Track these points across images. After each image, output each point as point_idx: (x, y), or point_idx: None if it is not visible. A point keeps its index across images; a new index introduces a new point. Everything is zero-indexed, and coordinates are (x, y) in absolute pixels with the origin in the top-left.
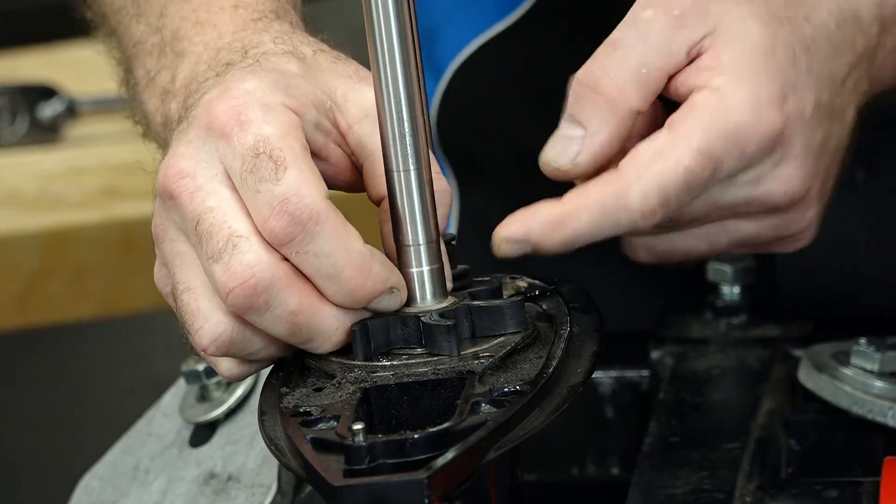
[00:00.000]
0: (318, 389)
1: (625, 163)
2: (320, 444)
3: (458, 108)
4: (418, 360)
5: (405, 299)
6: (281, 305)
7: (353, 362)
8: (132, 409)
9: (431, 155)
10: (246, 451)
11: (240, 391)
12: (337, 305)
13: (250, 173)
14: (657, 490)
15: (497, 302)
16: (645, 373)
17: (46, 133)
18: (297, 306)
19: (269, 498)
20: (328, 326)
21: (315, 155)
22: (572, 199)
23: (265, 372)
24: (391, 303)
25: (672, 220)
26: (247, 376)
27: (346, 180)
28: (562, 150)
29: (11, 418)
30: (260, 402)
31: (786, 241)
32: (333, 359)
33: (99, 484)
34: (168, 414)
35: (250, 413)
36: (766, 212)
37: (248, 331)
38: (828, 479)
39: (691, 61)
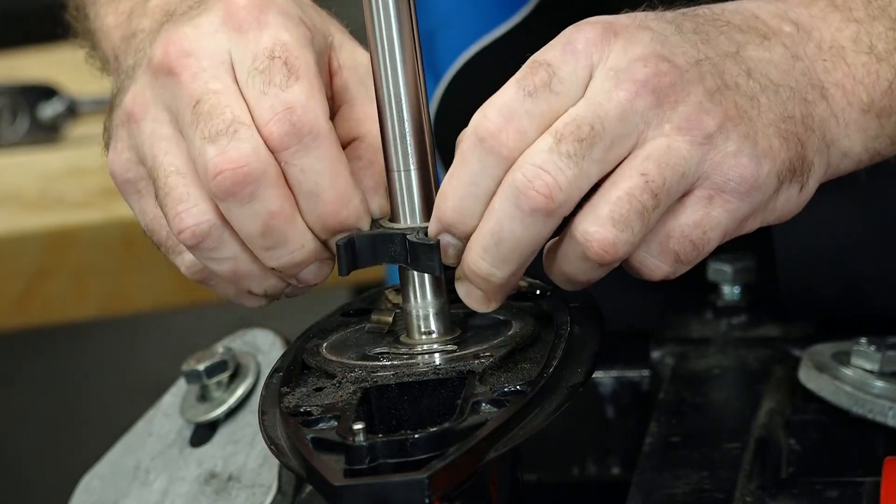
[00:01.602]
0: (319, 389)
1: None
2: (321, 444)
3: (458, 111)
4: (418, 360)
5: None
6: (264, 201)
7: (353, 362)
8: (132, 409)
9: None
10: (246, 451)
11: (240, 391)
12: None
13: (261, 73)
14: (658, 490)
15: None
16: (645, 373)
17: (46, 133)
18: (278, 208)
19: (270, 498)
20: (295, 240)
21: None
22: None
23: (265, 372)
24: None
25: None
26: (201, 280)
27: None
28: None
29: (11, 418)
30: (260, 402)
31: (702, 156)
32: (334, 358)
33: (99, 484)
34: (168, 414)
35: (251, 413)
36: (652, 103)
37: (226, 231)
38: (828, 478)
39: None
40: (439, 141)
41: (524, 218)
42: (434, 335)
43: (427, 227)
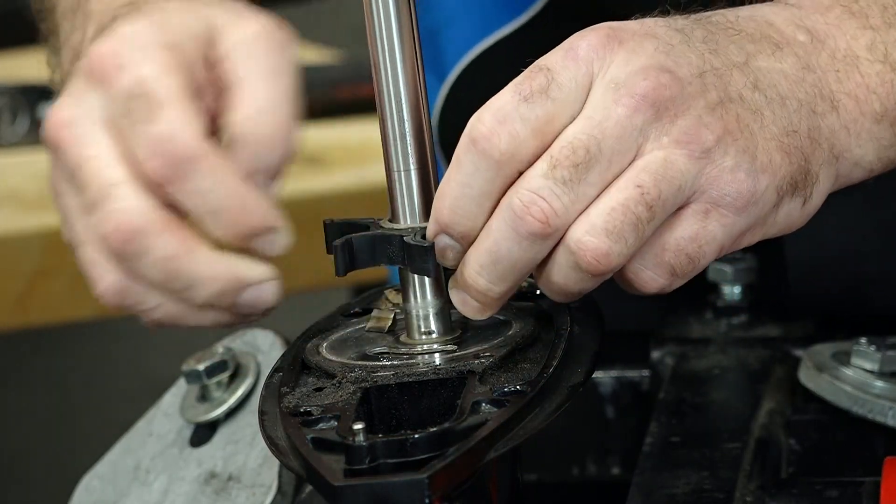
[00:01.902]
0: (319, 389)
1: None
2: (321, 444)
3: (462, 110)
4: (418, 360)
5: (286, 244)
6: (156, 251)
7: (353, 362)
8: (132, 409)
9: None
10: (246, 451)
11: (240, 391)
12: (217, 248)
13: (126, 116)
14: (658, 490)
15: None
16: (645, 373)
17: None
18: (173, 251)
19: (270, 498)
20: (203, 273)
21: (200, 90)
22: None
23: (265, 372)
24: (274, 245)
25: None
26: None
27: None
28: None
29: (11, 418)
30: (260, 402)
31: (695, 165)
32: (334, 358)
33: (99, 484)
34: (168, 414)
35: (251, 413)
36: (651, 117)
37: (137, 284)
38: (828, 478)
39: None
40: (443, 140)
41: (521, 241)
42: (434, 335)
43: (426, 228)
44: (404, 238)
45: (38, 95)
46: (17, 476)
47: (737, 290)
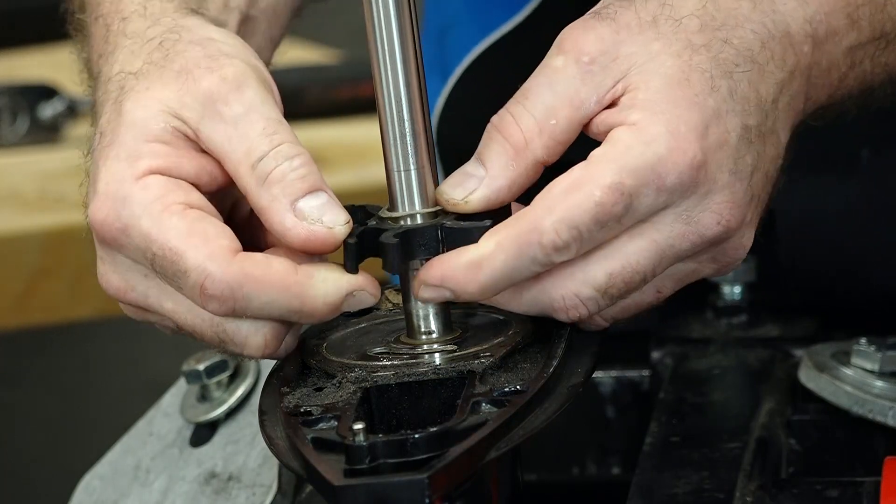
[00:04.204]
0: (319, 389)
1: (538, 198)
2: (321, 444)
3: (463, 110)
4: (418, 360)
5: (375, 293)
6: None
7: (353, 362)
8: (132, 409)
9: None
10: (247, 451)
11: (240, 391)
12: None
13: (160, 273)
14: (658, 490)
15: (467, 224)
16: (645, 373)
17: (46, 133)
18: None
19: (270, 498)
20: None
21: (202, 174)
22: (487, 239)
23: (265, 372)
24: (361, 303)
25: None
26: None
27: None
28: (458, 184)
29: (11, 418)
30: (260, 402)
31: (722, 268)
32: (334, 358)
33: (100, 483)
34: (169, 414)
35: (251, 413)
36: (704, 249)
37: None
38: (828, 478)
39: (609, 106)
40: (443, 140)
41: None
42: (434, 335)
43: (425, 212)
44: (399, 221)
45: (38, 95)
46: (17, 476)
47: (737, 290)
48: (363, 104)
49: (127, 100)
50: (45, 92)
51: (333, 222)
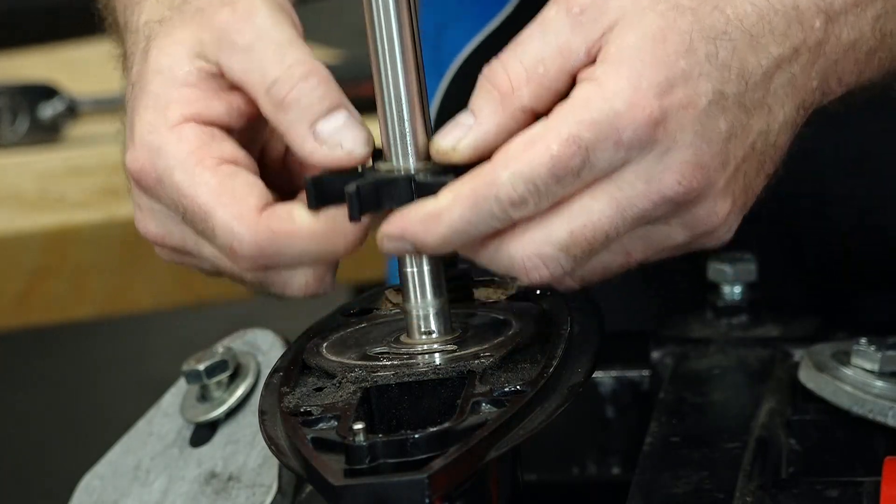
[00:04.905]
0: (319, 389)
1: (497, 152)
2: (321, 444)
3: (459, 108)
4: (418, 360)
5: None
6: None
7: (353, 362)
8: (132, 409)
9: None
10: (247, 451)
11: (240, 391)
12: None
13: (191, 226)
14: (658, 490)
15: (434, 179)
16: (645, 373)
17: (46, 133)
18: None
19: (270, 498)
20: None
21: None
22: (446, 192)
23: (265, 372)
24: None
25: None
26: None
27: None
28: (448, 133)
29: (11, 418)
30: (260, 402)
31: (702, 238)
32: (334, 358)
33: (100, 483)
34: (169, 414)
35: (251, 413)
36: (670, 209)
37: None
38: (828, 478)
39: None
40: None
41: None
42: (434, 335)
43: (420, 165)
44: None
45: (38, 95)
46: (17, 476)
47: (737, 290)
48: (363, 104)
49: (153, 48)
50: (45, 92)
51: (353, 144)
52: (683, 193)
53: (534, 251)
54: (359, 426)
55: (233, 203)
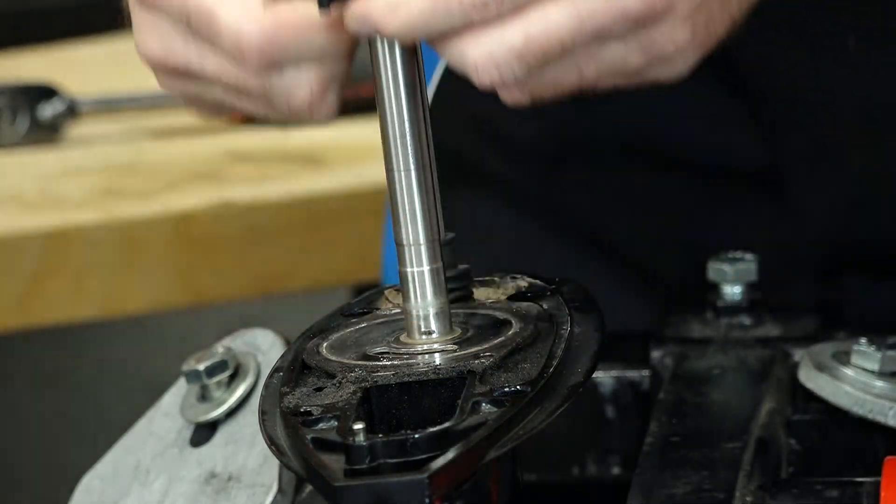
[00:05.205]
0: (319, 389)
1: None
2: (321, 444)
3: (450, 105)
4: (418, 360)
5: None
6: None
7: (353, 362)
8: (132, 409)
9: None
10: (247, 451)
11: (240, 391)
12: None
13: (197, 34)
14: (658, 490)
15: None
16: (645, 373)
17: (46, 133)
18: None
19: (270, 497)
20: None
21: None
22: None
23: (265, 372)
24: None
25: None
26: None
27: None
28: None
29: (11, 418)
30: (260, 402)
31: (656, 64)
32: (334, 358)
33: (100, 484)
34: (169, 413)
35: (251, 413)
36: (629, 27)
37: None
38: (828, 479)
39: None
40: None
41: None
42: (434, 335)
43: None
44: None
45: (38, 95)
46: (17, 476)
47: (737, 290)
48: (363, 104)
49: None
50: (45, 92)
51: None
52: (645, 11)
53: (487, 52)
54: (359, 426)
55: (237, 0)
